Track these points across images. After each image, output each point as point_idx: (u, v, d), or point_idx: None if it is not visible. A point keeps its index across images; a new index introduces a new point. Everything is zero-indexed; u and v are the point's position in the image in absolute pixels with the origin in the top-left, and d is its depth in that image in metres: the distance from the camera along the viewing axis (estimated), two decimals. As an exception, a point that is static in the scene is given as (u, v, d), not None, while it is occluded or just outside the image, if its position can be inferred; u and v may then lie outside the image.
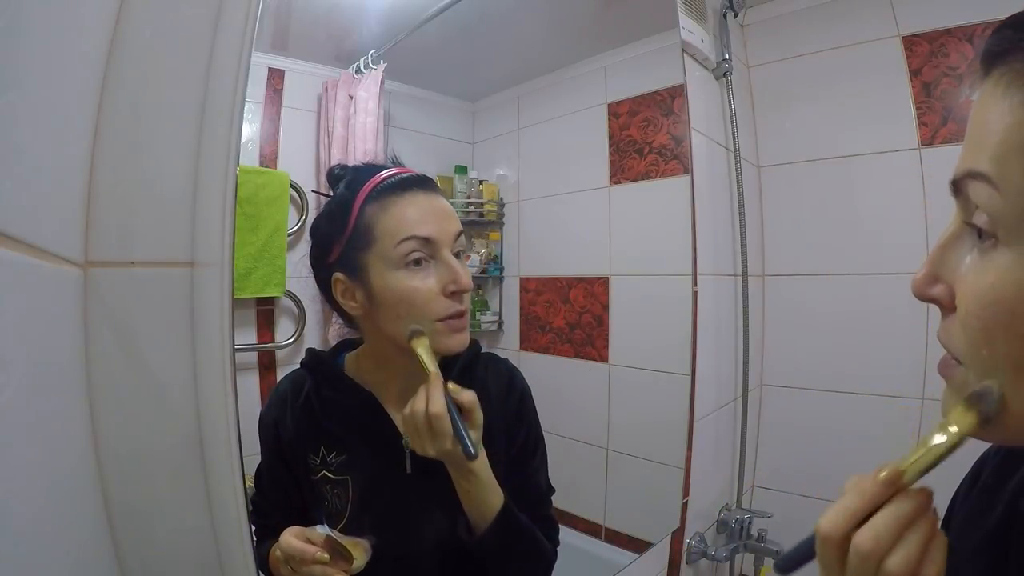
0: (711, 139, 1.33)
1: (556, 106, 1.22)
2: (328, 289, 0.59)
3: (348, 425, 0.61)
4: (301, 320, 0.83)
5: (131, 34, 0.38)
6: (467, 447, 0.50)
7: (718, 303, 1.31)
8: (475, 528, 0.57)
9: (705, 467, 1.26)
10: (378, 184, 0.58)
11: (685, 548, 1.20)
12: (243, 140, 0.43)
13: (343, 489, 0.60)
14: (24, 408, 0.28)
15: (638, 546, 1.10)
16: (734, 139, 1.36)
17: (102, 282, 0.38)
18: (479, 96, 1.20)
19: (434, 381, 0.52)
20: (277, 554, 0.53)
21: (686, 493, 1.18)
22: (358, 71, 0.91)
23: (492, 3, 1.12)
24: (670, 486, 1.16)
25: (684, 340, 1.17)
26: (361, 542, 0.54)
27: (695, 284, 1.17)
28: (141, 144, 0.40)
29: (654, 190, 1.18)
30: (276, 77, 0.83)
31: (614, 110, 1.19)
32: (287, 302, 0.82)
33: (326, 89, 0.90)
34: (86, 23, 0.36)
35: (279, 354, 0.81)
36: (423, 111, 1.11)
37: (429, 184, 0.60)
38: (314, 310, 0.83)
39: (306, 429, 0.61)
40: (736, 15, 1.41)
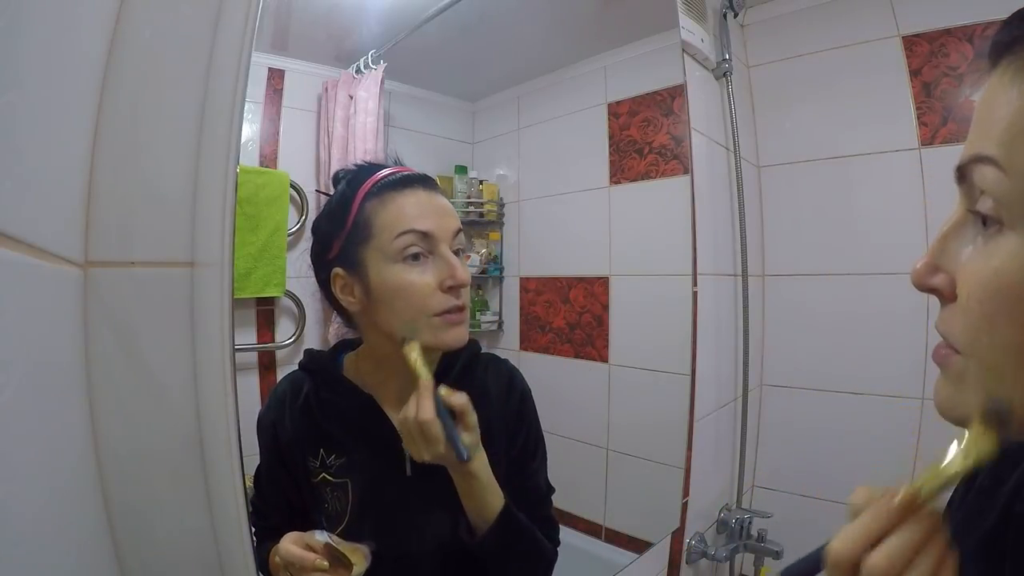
0: (711, 139, 1.33)
1: (556, 106, 1.21)
2: (328, 286, 0.59)
3: (347, 428, 0.61)
4: (301, 320, 0.83)
5: (131, 34, 0.38)
6: (459, 451, 0.51)
7: (718, 303, 1.31)
8: (476, 529, 0.57)
9: (705, 467, 1.26)
10: (378, 181, 0.58)
11: (685, 548, 1.20)
12: (243, 140, 0.43)
13: (343, 492, 0.59)
14: (24, 408, 0.28)
15: (638, 546, 1.10)
16: (734, 139, 1.36)
17: (102, 282, 0.38)
18: (479, 96, 1.20)
19: (424, 387, 0.52)
20: (276, 560, 0.53)
21: (686, 493, 1.18)
22: (358, 71, 0.91)
23: (492, 3, 1.12)
24: (670, 486, 1.16)
25: (684, 340, 1.16)
26: (361, 548, 0.53)
27: (695, 284, 1.17)
28: (141, 144, 0.40)
29: (654, 190, 1.18)
30: (276, 77, 0.83)
31: (614, 110, 1.19)
32: (287, 302, 0.82)
33: (326, 89, 0.90)
34: (86, 23, 0.36)
35: (279, 354, 0.81)
36: (423, 111, 1.11)
37: (429, 182, 0.60)
38: (314, 310, 0.84)
39: (305, 431, 0.61)
40: (736, 15, 1.41)
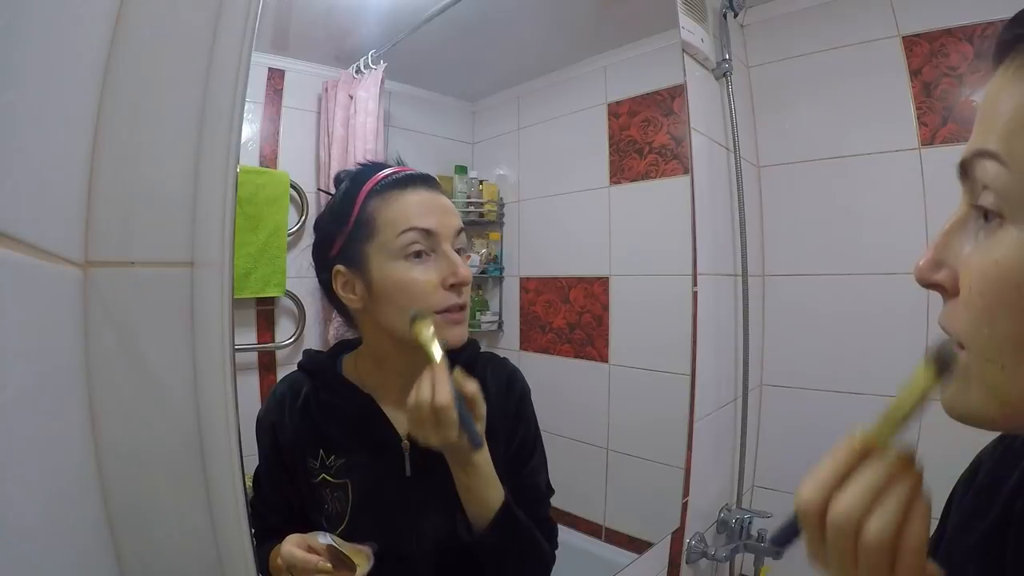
0: (711, 139, 1.32)
1: (556, 106, 1.21)
2: (329, 284, 0.59)
3: (347, 428, 0.61)
4: (301, 320, 0.82)
5: (131, 34, 0.38)
6: (474, 436, 0.50)
7: (718, 303, 1.31)
8: (475, 526, 0.57)
9: (705, 467, 1.26)
10: (382, 179, 0.58)
11: (685, 548, 1.20)
12: (243, 140, 0.43)
13: (343, 493, 0.59)
14: (24, 408, 0.28)
15: (638, 546, 1.10)
16: (734, 139, 1.36)
17: (102, 282, 0.38)
18: (479, 96, 1.20)
19: (440, 369, 0.50)
20: (279, 562, 0.52)
21: (686, 493, 1.18)
22: (358, 71, 0.91)
23: (492, 3, 1.12)
24: (670, 486, 1.16)
25: (684, 340, 1.16)
26: (363, 549, 0.53)
27: (695, 284, 1.17)
28: (141, 144, 0.40)
29: (654, 190, 1.18)
30: (276, 77, 0.83)
31: (614, 110, 1.19)
32: (287, 302, 0.82)
33: (326, 89, 0.90)
34: (86, 23, 0.36)
35: (279, 354, 0.81)
36: (423, 111, 1.11)
37: (431, 181, 0.60)
38: (314, 310, 0.83)
39: (304, 433, 0.61)
40: (736, 15, 1.41)
